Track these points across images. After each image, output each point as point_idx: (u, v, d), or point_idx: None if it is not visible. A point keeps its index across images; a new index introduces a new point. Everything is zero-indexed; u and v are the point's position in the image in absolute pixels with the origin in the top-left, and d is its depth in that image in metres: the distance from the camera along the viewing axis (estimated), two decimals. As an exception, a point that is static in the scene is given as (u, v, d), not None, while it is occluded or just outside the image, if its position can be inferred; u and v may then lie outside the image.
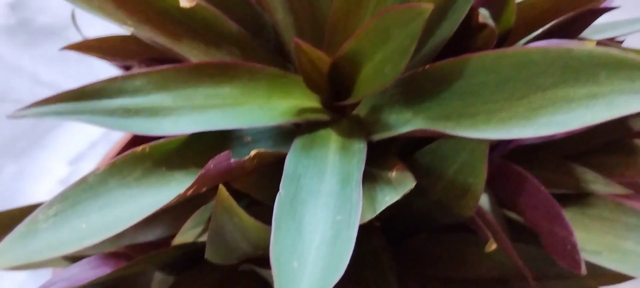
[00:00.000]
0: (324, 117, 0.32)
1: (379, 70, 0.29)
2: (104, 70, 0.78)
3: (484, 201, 0.34)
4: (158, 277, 0.35)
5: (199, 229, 0.33)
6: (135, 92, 0.27)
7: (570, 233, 0.28)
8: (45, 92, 0.82)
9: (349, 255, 0.24)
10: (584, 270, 0.28)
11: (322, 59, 0.31)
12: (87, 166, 0.75)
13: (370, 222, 0.30)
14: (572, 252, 0.28)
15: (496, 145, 0.33)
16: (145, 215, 0.25)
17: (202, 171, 0.25)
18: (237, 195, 0.30)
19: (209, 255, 0.29)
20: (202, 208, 0.33)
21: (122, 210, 0.25)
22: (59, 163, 0.75)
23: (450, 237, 0.36)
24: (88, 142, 0.77)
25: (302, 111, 0.32)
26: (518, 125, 0.26)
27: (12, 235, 0.24)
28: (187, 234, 0.33)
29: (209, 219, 0.33)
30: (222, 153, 0.26)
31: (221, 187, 0.26)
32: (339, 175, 0.28)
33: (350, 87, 0.32)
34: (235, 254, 0.29)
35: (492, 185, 0.33)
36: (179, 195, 0.25)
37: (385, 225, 0.35)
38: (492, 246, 0.30)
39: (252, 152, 0.27)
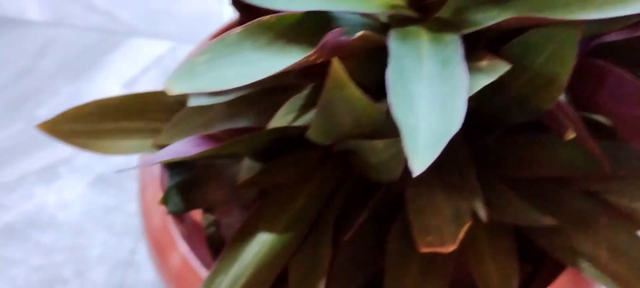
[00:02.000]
0: (411, 14, 0.34)
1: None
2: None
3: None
4: (246, 163, 0.37)
5: (291, 116, 0.35)
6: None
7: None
8: (98, 19, 0.84)
9: (461, 115, 0.26)
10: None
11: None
12: (140, 88, 0.77)
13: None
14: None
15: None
16: (275, 72, 0.27)
17: (322, 41, 0.27)
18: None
19: (312, 132, 0.31)
20: (295, 97, 0.35)
21: (256, 67, 0.28)
22: (114, 86, 0.77)
23: (519, 138, 0.37)
24: (141, 67, 0.79)
25: (393, 6, 0.34)
26: (617, 6, 0.27)
27: (178, 71, 0.26)
28: (280, 120, 0.35)
29: (301, 107, 0.35)
30: (335, 29, 0.28)
31: (334, 61, 0.28)
32: (436, 59, 0.30)
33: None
34: (336, 131, 0.31)
35: (570, 86, 0.35)
36: (306, 58, 0.27)
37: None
38: (572, 135, 0.32)
39: (359, 33, 0.29)
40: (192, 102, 0.34)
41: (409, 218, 0.34)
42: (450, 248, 0.32)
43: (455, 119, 0.26)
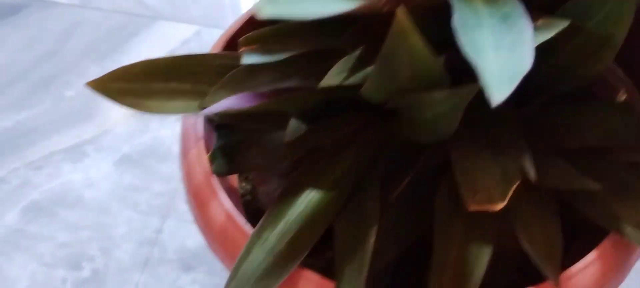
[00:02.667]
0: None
1: None
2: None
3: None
4: (293, 125, 0.37)
5: (342, 76, 0.35)
6: None
7: None
8: (124, 2, 0.84)
9: (530, 57, 0.26)
10: None
11: None
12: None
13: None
14: None
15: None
16: (350, 10, 0.28)
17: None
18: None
19: (367, 87, 0.31)
20: (345, 58, 0.35)
21: (332, 5, 0.28)
22: (140, 68, 0.77)
23: (563, 107, 0.37)
24: (167, 50, 0.80)
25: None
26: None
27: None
28: (331, 79, 0.35)
29: (351, 68, 0.35)
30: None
31: (400, 9, 0.28)
32: (495, 16, 0.30)
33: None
34: (393, 85, 0.31)
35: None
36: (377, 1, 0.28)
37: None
38: (623, 96, 0.32)
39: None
40: (246, 60, 0.34)
41: (457, 179, 0.33)
42: (498, 206, 0.32)
43: (525, 61, 0.26)
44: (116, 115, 0.75)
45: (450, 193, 0.35)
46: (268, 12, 0.26)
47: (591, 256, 0.36)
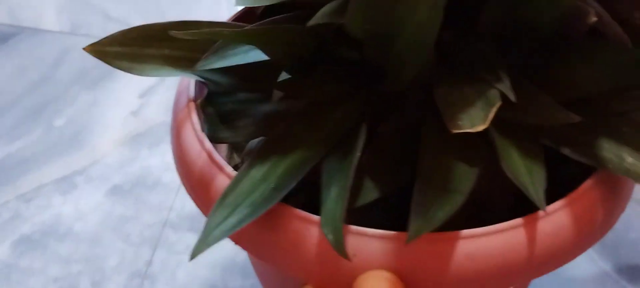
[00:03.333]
0: None
1: None
2: (171, 8, 0.85)
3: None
4: (283, 77, 0.43)
5: (328, 17, 0.40)
6: None
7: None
8: (115, 27, 0.89)
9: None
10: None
11: None
12: (157, 99, 0.82)
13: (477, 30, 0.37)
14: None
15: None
16: None
17: None
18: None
19: (349, 14, 0.37)
20: (328, 5, 0.41)
21: None
22: (131, 95, 0.82)
23: (550, 52, 0.42)
24: (157, 78, 0.84)
25: None
26: None
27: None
28: (318, 19, 0.40)
29: (337, 9, 0.40)
30: None
31: None
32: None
33: None
34: (376, 9, 0.36)
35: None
36: None
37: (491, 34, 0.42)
38: (593, 18, 0.37)
39: None
40: (238, 3, 0.39)
41: (439, 108, 0.37)
42: (480, 127, 0.36)
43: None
44: (106, 144, 0.79)
45: (435, 124, 0.39)
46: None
47: (580, 190, 0.40)
